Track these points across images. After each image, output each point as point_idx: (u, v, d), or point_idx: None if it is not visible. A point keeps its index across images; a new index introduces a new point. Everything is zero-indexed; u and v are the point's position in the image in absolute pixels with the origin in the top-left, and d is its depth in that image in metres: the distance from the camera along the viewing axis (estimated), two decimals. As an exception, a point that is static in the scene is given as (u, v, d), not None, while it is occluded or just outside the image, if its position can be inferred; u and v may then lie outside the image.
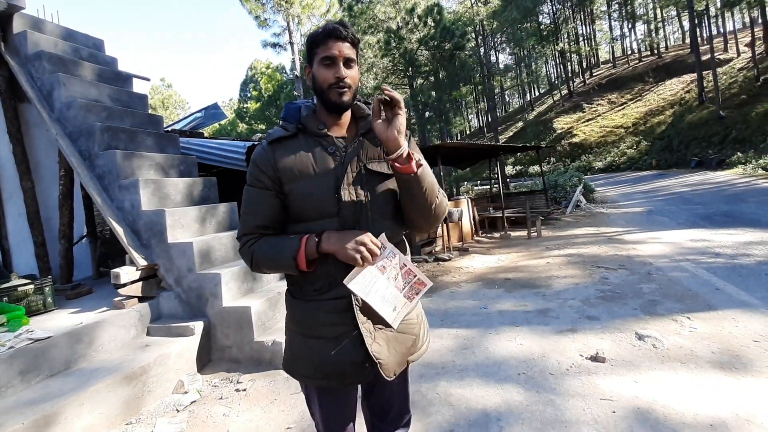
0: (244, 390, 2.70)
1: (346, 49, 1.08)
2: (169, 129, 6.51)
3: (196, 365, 3.00)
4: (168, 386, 2.75)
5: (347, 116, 1.18)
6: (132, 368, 2.56)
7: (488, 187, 14.68)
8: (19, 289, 3.05)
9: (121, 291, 3.08)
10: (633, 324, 3.23)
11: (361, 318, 1.10)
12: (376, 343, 1.12)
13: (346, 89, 1.09)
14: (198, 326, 3.06)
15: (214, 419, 2.43)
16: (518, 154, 30.57)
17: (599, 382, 2.43)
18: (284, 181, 1.10)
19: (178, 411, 2.53)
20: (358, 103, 1.21)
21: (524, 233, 8.35)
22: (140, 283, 3.19)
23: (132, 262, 3.19)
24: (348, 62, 1.09)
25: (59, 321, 2.88)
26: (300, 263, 1.05)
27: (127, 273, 3.09)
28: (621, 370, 2.55)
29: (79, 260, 4.19)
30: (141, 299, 3.20)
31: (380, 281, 1.04)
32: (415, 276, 1.09)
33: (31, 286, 3.11)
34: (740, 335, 2.87)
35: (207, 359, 3.12)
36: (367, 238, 1.03)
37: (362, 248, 1.01)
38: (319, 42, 1.09)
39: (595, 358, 2.71)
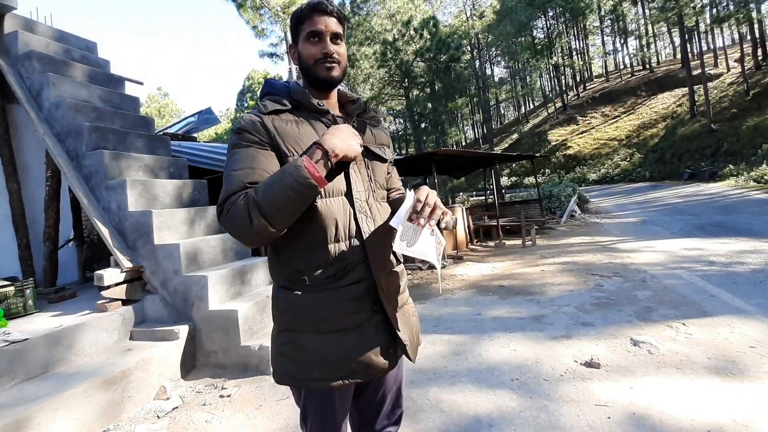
0: (229, 396, 2.60)
1: (333, 24, 1.03)
2: (162, 132, 6.46)
3: (179, 370, 2.90)
4: (150, 392, 2.65)
5: (334, 98, 1.14)
6: (112, 373, 2.46)
7: (483, 198, 14.70)
8: (-1, 291, 2.96)
9: (104, 293, 2.99)
10: (628, 330, 3.18)
11: (384, 300, 1.03)
12: (401, 326, 1.06)
13: (334, 64, 1.04)
14: (183, 330, 2.97)
15: (196, 426, 2.33)
16: (513, 165, 30.83)
17: (594, 388, 2.36)
18: (286, 153, 0.98)
19: (158, 417, 2.44)
20: (342, 89, 1.16)
21: (519, 242, 8.32)
22: (124, 285, 3.10)
23: (117, 264, 3.11)
24: (335, 37, 1.04)
25: (39, 324, 2.78)
26: (314, 173, 0.88)
27: (111, 275, 3.00)
28: (616, 376, 2.49)
29: (65, 264, 4.10)
30: (125, 302, 3.11)
31: (423, 233, 0.97)
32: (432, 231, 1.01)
33: (12, 288, 3.02)
34: (736, 341, 2.83)
35: (191, 364, 3.02)
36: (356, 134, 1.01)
37: (359, 139, 1.00)
38: (303, 17, 1.03)
39: (589, 364, 2.65)
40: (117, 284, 3.05)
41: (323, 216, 0.99)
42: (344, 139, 0.95)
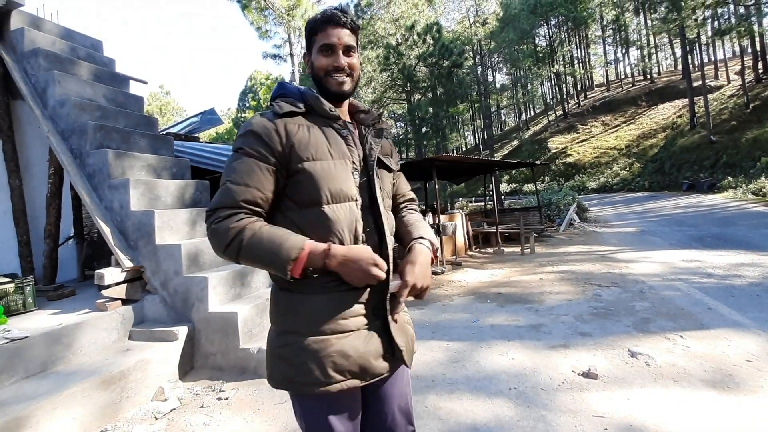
0: (227, 399, 2.60)
1: (346, 36, 1.04)
2: (165, 132, 6.47)
3: (178, 372, 2.90)
4: (147, 393, 2.65)
5: (345, 108, 1.14)
6: (111, 373, 2.47)
7: (483, 204, 14.73)
8: (-1, 287, 2.96)
9: (104, 292, 2.99)
10: (626, 341, 3.19)
11: (387, 306, 1.05)
12: (397, 332, 1.07)
13: (345, 78, 1.05)
14: (182, 331, 2.97)
15: (194, 428, 2.33)
16: (513, 172, 30.89)
17: (591, 399, 2.37)
18: (296, 158, 0.99)
19: (156, 419, 2.43)
20: (353, 100, 1.17)
21: (518, 249, 8.34)
22: (125, 285, 3.10)
23: (117, 263, 3.11)
24: (348, 50, 1.05)
25: (38, 322, 2.78)
26: (296, 270, 0.93)
27: (111, 274, 3.01)
28: (613, 387, 2.50)
29: (65, 262, 4.09)
30: (125, 302, 3.11)
31: None
32: None
33: (11, 285, 3.02)
34: (733, 354, 2.84)
35: (190, 366, 3.02)
36: (375, 258, 0.98)
37: (372, 269, 0.96)
38: (317, 29, 1.05)
39: (587, 375, 2.66)
40: (117, 283, 3.06)
41: (331, 221, 0.99)
42: (350, 273, 0.97)
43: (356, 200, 1.03)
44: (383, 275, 0.98)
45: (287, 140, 0.99)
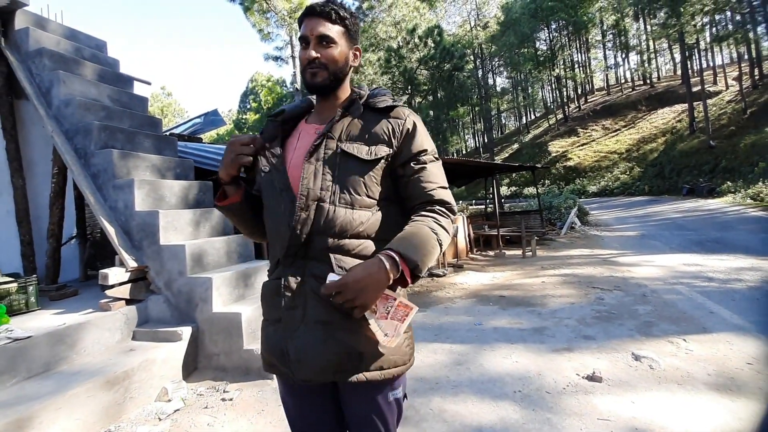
0: (231, 399, 2.60)
1: (319, 26, 1.00)
2: (168, 133, 6.48)
3: (181, 372, 2.89)
4: (151, 393, 2.64)
5: (337, 99, 1.08)
6: (115, 373, 2.46)
7: (483, 206, 14.74)
8: (2, 287, 2.94)
9: (108, 292, 2.99)
10: (629, 344, 3.19)
11: (290, 303, 0.96)
12: (298, 337, 0.95)
13: (316, 69, 1.01)
14: (186, 332, 2.96)
15: (198, 429, 2.32)
16: (513, 175, 30.93)
17: (596, 402, 2.37)
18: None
19: (160, 419, 2.43)
20: (355, 87, 1.11)
21: (519, 252, 8.34)
22: (129, 285, 3.10)
23: (121, 263, 3.11)
24: (321, 40, 1.00)
25: (41, 321, 2.77)
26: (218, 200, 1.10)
27: (115, 274, 3.00)
28: (618, 390, 2.50)
29: (67, 262, 4.08)
30: (128, 302, 3.10)
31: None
32: (393, 299, 0.90)
33: (14, 285, 3.01)
34: (735, 358, 2.85)
35: (193, 366, 3.01)
36: (236, 141, 1.02)
37: (230, 155, 1.01)
38: (300, 23, 1.05)
39: (591, 378, 2.66)
40: (121, 283, 3.05)
41: (267, 212, 1.09)
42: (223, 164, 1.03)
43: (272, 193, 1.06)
44: (245, 141, 1.01)
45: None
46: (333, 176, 0.97)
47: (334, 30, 1.01)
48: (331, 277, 0.87)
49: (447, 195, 1.02)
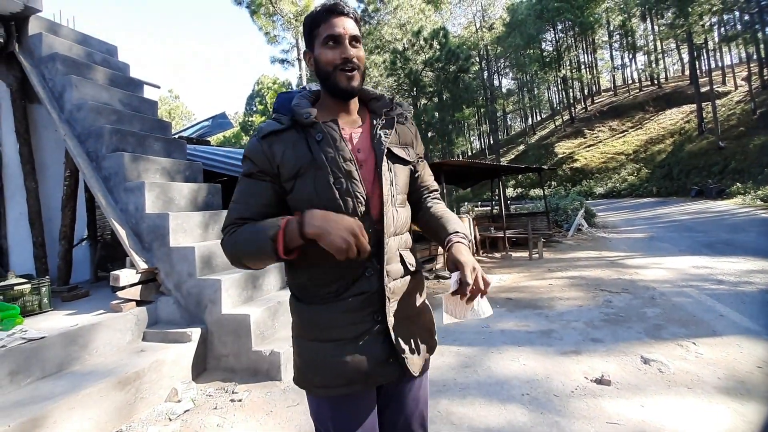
0: (240, 400, 2.62)
1: (351, 26, 0.98)
2: (177, 136, 6.55)
3: (191, 373, 2.92)
4: (161, 393, 2.67)
5: (355, 101, 1.08)
6: (126, 373, 2.49)
7: (489, 208, 14.71)
8: (15, 288, 3.00)
9: (119, 293, 3.03)
10: (638, 347, 3.17)
11: (387, 310, 1.00)
12: (401, 337, 1.02)
13: (354, 71, 0.97)
14: (195, 333, 3.00)
15: (207, 430, 2.35)
16: (519, 176, 30.81)
17: (605, 405, 2.36)
18: (284, 177, 0.98)
19: (170, 420, 2.45)
20: (365, 87, 1.10)
21: (525, 254, 8.31)
22: (139, 286, 3.14)
23: (132, 265, 3.15)
24: (354, 40, 0.98)
25: (54, 322, 2.82)
26: (279, 248, 0.88)
27: (126, 276, 3.04)
28: (627, 394, 2.48)
29: (78, 263, 4.14)
30: (139, 303, 3.14)
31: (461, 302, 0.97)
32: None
33: (28, 286, 3.06)
34: (745, 361, 2.82)
35: (202, 367, 3.04)
36: (357, 226, 0.87)
37: (352, 238, 0.85)
38: (320, 21, 0.98)
39: (600, 381, 2.64)
40: (132, 285, 3.09)
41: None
42: (327, 235, 0.85)
43: (341, 207, 0.97)
44: (366, 247, 0.87)
45: (274, 160, 0.98)
46: (392, 180, 1.04)
47: (358, 31, 1.01)
48: (454, 276, 0.97)
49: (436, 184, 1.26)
